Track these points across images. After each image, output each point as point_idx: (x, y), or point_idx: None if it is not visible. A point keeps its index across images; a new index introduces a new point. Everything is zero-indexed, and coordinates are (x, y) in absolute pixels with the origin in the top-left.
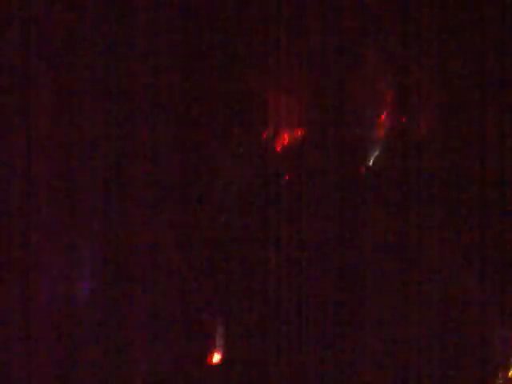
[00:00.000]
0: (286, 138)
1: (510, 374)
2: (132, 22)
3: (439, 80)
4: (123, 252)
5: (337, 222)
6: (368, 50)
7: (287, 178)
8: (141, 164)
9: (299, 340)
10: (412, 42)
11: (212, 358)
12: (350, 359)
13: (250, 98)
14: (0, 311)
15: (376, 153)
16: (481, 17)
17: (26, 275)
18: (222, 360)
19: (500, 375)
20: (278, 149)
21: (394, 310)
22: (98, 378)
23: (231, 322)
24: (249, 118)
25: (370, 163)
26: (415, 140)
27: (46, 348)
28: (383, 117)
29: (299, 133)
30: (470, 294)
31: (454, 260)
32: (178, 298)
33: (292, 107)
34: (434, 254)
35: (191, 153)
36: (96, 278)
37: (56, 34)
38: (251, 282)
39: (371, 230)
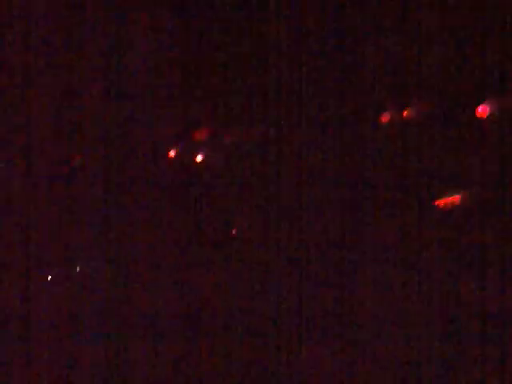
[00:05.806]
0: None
1: None
2: (132, 22)
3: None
4: (123, 252)
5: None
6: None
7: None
8: (140, 163)
9: (299, 340)
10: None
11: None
12: (350, 359)
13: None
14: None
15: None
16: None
17: (26, 275)
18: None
19: None
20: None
21: (394, 309)
22: (99, 377)
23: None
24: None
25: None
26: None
27: (46, 348)
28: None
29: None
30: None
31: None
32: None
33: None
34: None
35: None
36: (96, 277)
37: (56, 34)
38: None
39: (371, 230)
